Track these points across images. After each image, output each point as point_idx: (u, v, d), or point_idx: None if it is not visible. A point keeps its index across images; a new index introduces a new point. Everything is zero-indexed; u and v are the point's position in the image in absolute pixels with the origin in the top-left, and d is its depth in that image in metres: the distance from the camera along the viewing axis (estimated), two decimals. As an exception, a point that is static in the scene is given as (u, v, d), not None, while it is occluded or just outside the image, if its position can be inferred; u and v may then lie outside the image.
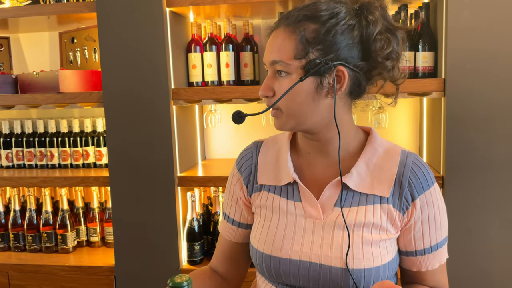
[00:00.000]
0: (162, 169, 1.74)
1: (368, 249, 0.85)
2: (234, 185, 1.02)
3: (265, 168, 0.97)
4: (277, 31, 0.86)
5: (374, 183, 0.88)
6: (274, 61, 0.85)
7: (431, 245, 0.91)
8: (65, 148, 2.02)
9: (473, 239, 1.56)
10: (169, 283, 0.59)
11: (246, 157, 1.01)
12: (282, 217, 0.91)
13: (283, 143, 0.98)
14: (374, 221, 0.86)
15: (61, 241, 1.96)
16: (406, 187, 0.87)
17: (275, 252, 0.88)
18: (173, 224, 1.76)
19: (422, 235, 0.89)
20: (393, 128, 1.99)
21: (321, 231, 0.87)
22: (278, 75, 0.86)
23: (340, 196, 0.88)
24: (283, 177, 0.93)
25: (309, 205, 0.89)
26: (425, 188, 0.88)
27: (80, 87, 1.86)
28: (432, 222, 0.89)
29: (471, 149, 1.53)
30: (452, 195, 1.55)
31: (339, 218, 0.87)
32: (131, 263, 1.80)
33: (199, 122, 2.08)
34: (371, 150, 0.90)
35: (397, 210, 0.87)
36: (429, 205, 0.88)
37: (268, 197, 0.94)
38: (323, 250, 0.85)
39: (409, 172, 0.88)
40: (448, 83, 1.52)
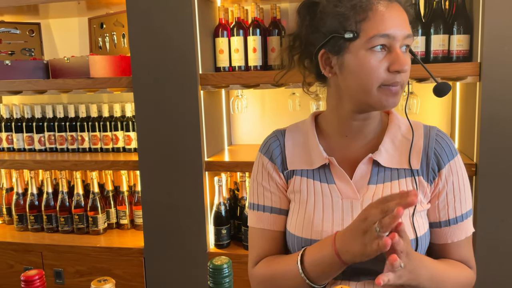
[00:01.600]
0: (189, 154, 1.76)
1: (406, 221, 0.87)
2: (270, 173, 0.99)
3: (294, 153, 0.97)
4: (395, 5, 0.85)
5: (402, 157, 0.91)
6: (410, 35, 0.86)
7: (456, 216, 0.92)
8: (95, 133, 2.06)
9: (506, 228, 1.52)
10: (210, 265, 0.59)
11: (273, 145, 1.00)
12: (318, 200, 0.91)
13: (308, 128, 0.98)
14: None
15: (92, 223, 2.02)
16: (433, 158, 0.91)
17: (315, 235, 0.89)
18: (200, 208, 1.79)
19: (447, 205, 0.91)
20: (424, 113, 1.94)
21: (359, 210, 0.88)
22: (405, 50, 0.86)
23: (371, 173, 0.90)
24: (315, 160, 0.94)
25: (344, 185, 0.91)
26: (450, 158, 0.91)
27: (109, 72, 1.88)
28: (457, 192, 0.92)
29: (507, 137, 1.49)
30: (485, 183, 1.51)
31: (375, 195, 0.89)
32: (160, 245, 1.84)
33: (225, 108, 2.09)
34: (394, 127, 0.94)
35: (426, 181, 0.91)
36: (454, 175, 0.91)
37: (302, 182, 0.94)
38: None
39: (434, 143, 0.91)
40: (484, 67, 1.47)
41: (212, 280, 0.59)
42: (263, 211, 0.99)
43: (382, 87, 0.84)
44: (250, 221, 1.02)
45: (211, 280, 0.59)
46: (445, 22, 1.58)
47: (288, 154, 0.98)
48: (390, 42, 0.83)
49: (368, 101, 0.86)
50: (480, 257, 1.54)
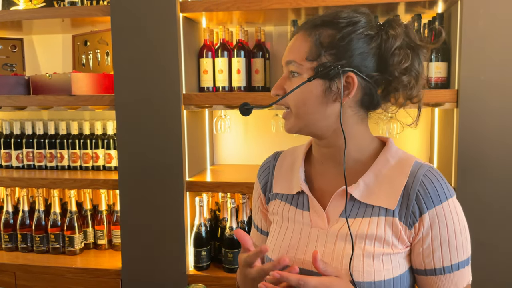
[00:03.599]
0: (171, 174, 1.74)
1: (369, 262, 0.82)
2: (255, 193, 1.07)
3: (279, 177, 0.99)
4: (297, 34, 0.89)
5: (381, 194, 0.85)
6: (289, 61, 0.87)
7: (443, 265, 0.84)
8: (75, 150, 2.02)
9: (485, 251, 1.54)
10: (184, 291, 0.58)
11: (264, 166, 1.05)
12: (290, 226, 0.92)
13: (299, 153, 0.99)
14: (377, 234, 0.83)
15: (68, 242, 1.97)
16: (414, 200, 0.82)
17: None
18: (180, 228, 1.76)
19: (432, 253, 0.83)
20: (404, 138, 1.97)
21: (324, 241, 0.86)
22: (291, 76, 0.87)
23: (345, 206, 0.86)
24: (294, 186, 0.94)
25: (316, 214, 0.89)
26: (436, 202, 0.82)
27: (92, 90, 1.87)
28: (445, 240, 0.83)
29: (484, 161, 1.52)
30: (463, 207, 1.53)
31: (342, 228, 0.85)
32: (138, 266, 1.80)
33: (208, 128, 2.08)
34: (382, 160, 0.88)
35: (404, 224, 0.83)
36: (440, 221, 0.82)
37: (280, 205, 0.96)
38: (324, 260, 0.83)
39: (418, 184, 0.83)
40: (461, 94, 1.51)
41: (187, 307, 0.58)
42: (253, 227, 1.09)
43: None
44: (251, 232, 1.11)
45: (186, 307, 0.58)
46: (424, 50, 1.62)
47: (275, 177, 1.00)
48: (284, 68, 0.90)
49: None
50: (459, 281, 1.55)
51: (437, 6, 1.65)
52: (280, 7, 1.60)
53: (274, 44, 2.01)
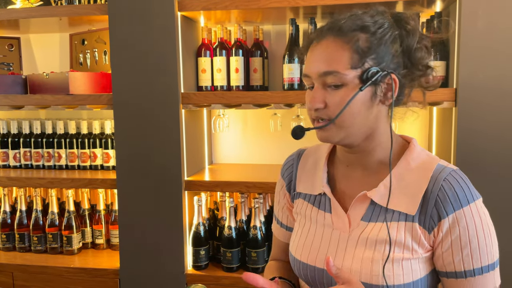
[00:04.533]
0: (169, 173, 1.74)
1: (388, 267, 0.82)
2: (279, 191, 1.08)
3: (303, 176, 1.01)
4: (325, 41, 0.85)
5: (401, 199, 0.84)
6: (327, 72, 0.83)
7: (465, 269, 0.83)
8: (73, 150, 2.02)
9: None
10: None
11: (288, 164, 1.06)
12: (312, 226, 0.94)
13: (322, 152, 1.00)
14: (397, 239, 0.83)
15: (66, 242, 1.96)
16: (433, 205, 0.82)
17: (304, 258, 0.94)
18: (179, 228, 1.76)
19: (452, 257, 0.83)
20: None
21: (345, 244, 0.88)
22: (329, 88, 0.84)
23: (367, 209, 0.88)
24: (316, 187, 0.96)
25: (338, 217, 0.90)
26: (456, 207, 0.81)
27: (90, 89, 1.86)
28: (466, 244, 0.82)
29: (482, 160, 1.52)
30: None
31: (364, 232, 0.86)
32: (136, 266, 1.79)
33: (207, 127, 2.08)
34: (404, 164, 0.87)
35: (423, 228, 0.83)
36: (461, 226, 0.81)
37: (303, 205, 0.98)
38: (344, 263, 0.86)
39: (438, 189, 0.82)
40: (460, 93, 1.51)
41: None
42: (277, 223, 1.11)
43: (313, 121, 0.88)
44: (273, 225, 1.15)
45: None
46: (423, 49, 1.62)
47: (298, 176, 1.02)
48: (311, 80, 0.86)
49: None
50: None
51: (436, 5, 1.65)
52: (279, 5, 1.60)
53: (272, 43, 2.00)
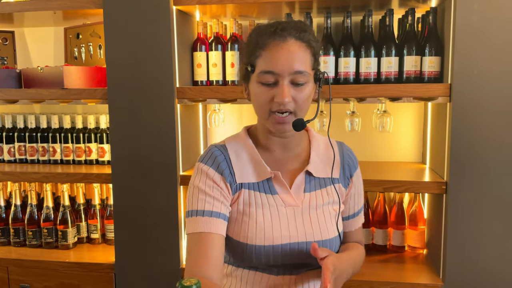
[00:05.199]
0: (164, 168, 1.74)
1: (332, 222, 1.08)
2: (217, 183, 1.04)
3: (241, 168, 1.07)
4: (290, 43, 0.98)
5: (326, 168, 1.11)
6: (299, 71, 0.98)
7: (357, 210, 1.19)
8: (68, 144, 2.01)
9: (478, 245, 1.55)
10: (178, 286, 0.58)
11: (219, 158, 1.07)
12: (266, 210, 1.03)
13: (245, 143, 1.10)
14: (334, 199, 1.10)
15: (61, 237, 1.96)
16: (347, 168, 1.14)
17: (268, 242, 1.00)
18: (174, 222, 1.76)
19: (354, 203, 1.18)
20: (397, 132, 1.98)
21: (301, 215, 1.05)
22: (292, 84, 0.99)
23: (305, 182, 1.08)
24: (260, 174, 1.06)
25: (285, 195, 1.06)
26: (356, 166, 1.17)
27: (84, 83, 1.85)
28: (359, 192, 1.19)
29: (476, 155, 1.53)
30: (455, 201, 1.55)
31: (311, 201, 1.07)
32: (132, 260, 1.80)
33: (202, 121, 2.08)
34: (315, 143, 1.13)
35: (343, 187, 1.14)
36: (358, 179, 1.18)
37: (250, 194, 1.05)
38: (307, 231, 1.04)
39: (347, 157, 1.15)
40: (454, 89, 1.51)
41: (180, 300, 0.58)
42: (202, 216, 1.02)
43: (271, 115, 1.00)
44: (188, 229, 1.04)
45: (179, 300, 0.58)
46: (418, 44, 1.63)
47: (235, 168, 1.06)
48: (276, 77, 0.98)
49: (265, 125, 1.05)
50: (451, 274, 1.57)
51: (431, 0, 1.65)
52: (274, 0, 1.59)
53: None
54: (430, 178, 1.67)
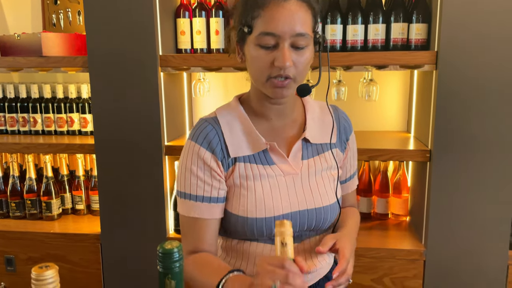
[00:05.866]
0: (149, 137, 1.72)
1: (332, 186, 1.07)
2: (206, 163, 1.00)
3: (234, 141, 1.00)
4: (293, 3, 0.91)
5: (323, 133, 1.07)
6: (301, 34, 0.91)
7: (352, 172, 1.20)
8: (49, 114, 1.96)
9: (457, 212, 1.58)
10: (159, 249, 0.57)
11: (210, 134, 1.00)
12: (264, 182, 0.99)
13: (238, 113, 1.03)
14: (332, 164, 1.08)
15: (45, 208, 1.94)
16: (343, 132, 1.12)
17: (269, 213, 0.97)
18: (160, 193, 1.75)
19: (350, 165, 1.18)
20: (383, 101, 1.98)
21: (300, 183, 1.02)
22: (294, 48, 0.92)
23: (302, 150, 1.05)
24: (255, 146, 1.01)
25: (283, 164, 1.02)
26: (351, 129, 1.16)
27: (64, 50, 1.79)
28: (354, 155, 1.18)
29: (461, 124, 1.54)
30: (439, 169, 1.57)
31: (310, 167, 1.04)
32: (117, 231, 1.80)
33: (187, 91, 2.04)
34: (311, 109, 1.09)
35: (340, 151, 1.12)
36: (353, 142, 1.17)
37: (246, 167, 0.99)
38: (314, 196, 1.02)
39: (343, 120, 1.13)
40: (440, 56, 1.50)
41: (161, 265, 0.57)
42: (195, 201, 1.00)
43: (270, 80, 0.93)
44: (181, 209, 1.03)
45: (160, 265, 0.57)
46: (405, 11, 1.60)
47: (228, 142, 1.00)
48: (276, 39, 0.91)
49: (262, 90, 0.98)
50: (433, 238, 1.60)
51: (420, -34, 1.62)
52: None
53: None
54: (414, 146, 1.68)
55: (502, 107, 1.51)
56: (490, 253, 1.60)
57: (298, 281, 0.75)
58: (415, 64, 1.55)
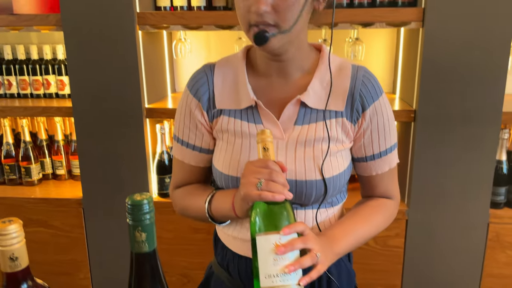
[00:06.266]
0: (128, 100, 1.66)
1: (333, 159, 0.90)
2: (192, 111, 0.97)
3: (223, 92, 0.94)
4: None
5: (330, 98, 0.90)
6: None
7: (380, 150, 0.95)
8: (24, 77, 1.89)
9: (440, 170, 1.59)
10: (128, 201, 0.55)
11: (200, 81, 0.96)
12: (245, 140, 0.91)
13: (238, 64, 0.94)
14: (331, 135, 0.90)
15: (25, 173, 1.90)
16: (358, 99, 0.90)
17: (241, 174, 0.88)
18: (142, 156, 1.72)
19: (372, 142, 0.94)
20: (368, 61, 1.94)
21: (284, 150, 0.90)
22: None
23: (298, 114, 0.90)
24: (242, 101, 0.92)
25: (271, 126, 0.90)
26: (375, 98, 0.91)
27: (36, 8, 1.70)
28: (382, 130, 0.93)
29: (446, 84, 1.52)
30: (424, 125, 1.56)
31: (300, 135, 0.90)
32: (99, 195, 1.77)
33: (168, 52, 1.98)
34: (323, 67, 0.91)
35: (350, 122, 0.92)
36: (378, 114, 0.92)
37: (229, 122, 0.93)
38: (297, 166, 0.88)
39: (360, 85, 0.91)
40: (427, 13, 1.46)
41: (131, 217, 0.55)
42: (186, 147, 1.00)
43: (251, 28, 0.82)
44: (174, 151, 1.04)
45: (129, 217, 0.55)
46: (393, -35, 1.54)
47: (216, 92, 0.94)
48: None
49: (250, 40, 0.86)
50: (416, 196, 1.62)
51: None
52: None
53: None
54: (399, 107, 1.66)
55: (488, 64, 1.49)
56: (472, 211, 1.62)
57: (281, 178, 0.77)
58: (402, 21, 1.51)
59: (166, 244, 1.78)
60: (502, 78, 1.50)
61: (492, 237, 1.64)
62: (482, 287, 1.69)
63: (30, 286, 0.60)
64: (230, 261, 0.96)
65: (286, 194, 0.76)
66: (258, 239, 0.71)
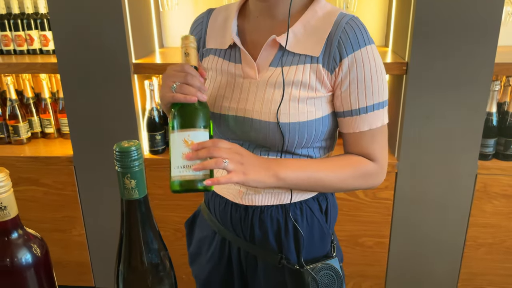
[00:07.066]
0: (115, 55, 1.62)
1: (294, 105, 0.88)
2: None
3: (213, 32, 0.99)
4: None
5: (307, 43, 0.88)
6: None
7: (359, 107, 0.88)
8: (5, 32, 1.82)
9: (430, 124, 1.59)
10: (116, 148, 0.54)
11: (197, 22, 1.02)
12: (223, 78, 0.95)
13: (233, 7, 0.97)
14: (303, 80, 0.87)
15: (13, 132, 1.87)
16: (336, 46, 0.85)
17: (216, 109, 0.94)
18: (131, 113, 1.70)
19: (349, 95, 0.88)
20: (361, 14, 1.90)
21: (255, 90, 0.91)
22: None
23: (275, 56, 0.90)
24: (227, 40, 0.95)
25: (247, 66, 0.92)
26: (355, 48, 0.85)
27: (12, -42, 1.62)
28: (362, 83, 0.86)
29: (438, 37, 1.49)
30: (414, 77, 1.55)
31: (272, 77, 0.89)
32: (90, 153, 1.76)
33: (154, 5, 1.91)
34: (311, 12, 0.90)
35: (326, 70, 0.87)
36: (358, 66, 0.85)
37: (214, 60, 0.97)
38: (255, 106, 0.90)
39: (341, 31, 0.85)
40: (422, -40, 1.41)
41: (119, 164, 0.54)
42: None
43: None
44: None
45: (118, 164, 0.54)
46: None
47: (208, 33, 0.99)
48: None
49: None
50: (406, 149, 1.63)
51: None
52: None
53: None
54: (392, 59, 1.64)
55: (481, 16, 1.46)
56: (461, 163, 1.64)
57: (197, 81, 0.80)
58: (396, -31, 1.46)
59: (159, 199, 1.79)
60: (496, 30, 1.48)
61: (479, 188, 1.67)
62: (468, 236, 1.74)
63: (20, 235, 0.60)
64: (210, 200, 1.02)
65: (200, 96, 0.79)
66: (172, 136, 0.78)
